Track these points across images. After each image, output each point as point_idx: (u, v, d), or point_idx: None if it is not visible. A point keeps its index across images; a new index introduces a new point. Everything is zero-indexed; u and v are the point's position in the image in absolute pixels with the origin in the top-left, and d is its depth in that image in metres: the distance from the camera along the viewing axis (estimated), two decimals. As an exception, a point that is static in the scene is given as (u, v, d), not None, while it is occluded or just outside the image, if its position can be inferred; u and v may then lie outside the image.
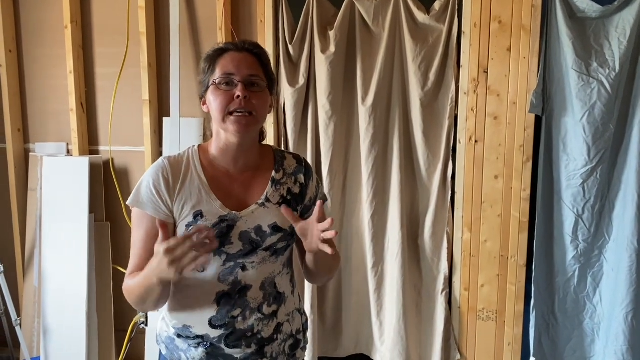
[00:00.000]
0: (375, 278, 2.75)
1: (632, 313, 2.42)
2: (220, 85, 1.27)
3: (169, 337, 1.38)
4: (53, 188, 2.91)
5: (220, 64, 1.29)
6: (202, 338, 1.32)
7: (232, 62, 1.29)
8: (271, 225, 1.33)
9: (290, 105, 2.69)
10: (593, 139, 2.40)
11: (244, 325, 1.32)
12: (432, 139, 2.64)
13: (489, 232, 2.61)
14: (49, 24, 2.98)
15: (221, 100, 1.27)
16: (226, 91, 1.27)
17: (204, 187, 1.31)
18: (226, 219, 1.29)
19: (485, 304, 2.65)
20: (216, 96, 1.27)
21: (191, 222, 1.28)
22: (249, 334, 1.32)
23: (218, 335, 1.31)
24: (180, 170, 1.32)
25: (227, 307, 1.31)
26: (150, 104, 2.85)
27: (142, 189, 1.30)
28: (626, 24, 2.34)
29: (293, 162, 1.45)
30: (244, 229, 1.30)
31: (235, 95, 1.26)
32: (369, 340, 2.86)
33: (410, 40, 2.57)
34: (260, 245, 1.32)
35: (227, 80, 1.27)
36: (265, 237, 1.32)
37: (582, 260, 2.52)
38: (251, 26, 2.77)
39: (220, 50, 1.32)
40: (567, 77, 2.42)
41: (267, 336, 1.34)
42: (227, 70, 1.28)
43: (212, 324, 1.31)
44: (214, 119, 1.31)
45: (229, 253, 1.29)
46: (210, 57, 1.32)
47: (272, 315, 1.35)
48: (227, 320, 1.31)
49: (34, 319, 3.00)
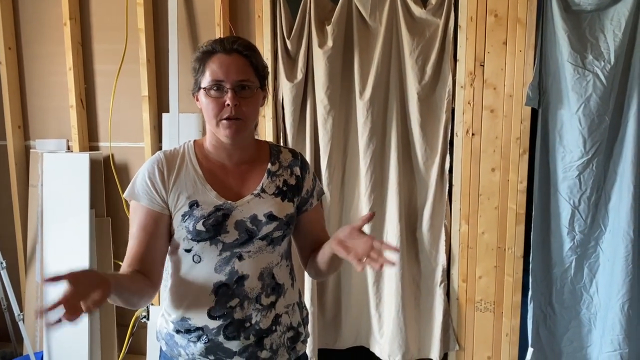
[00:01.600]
0: (373, 271, 2.77)
1: (628, 303, 2.44)
2: (209, 91, 1.29)
3: (168, 333, 1.39)
4: (54, 184, 2.93)
5: (210, 68, 1.29)
6: (201, 330, 1.33)
7: (221, 67, 1.28)
8: (267, 214, 1.35)
9: (289, 100, 2.71)
10: (589, 131, 2.42)
11: (242, 315, 1.33)
12: (429, 133, 2.66)
13: (486, 224, 2.63)
14: (48, 21, 2.99)
15: (212, 107, 1.28)
16: (216, 98, 1.28)
17: (199, 179, 1.34)
18: (222, 208, 1.31)
19: (483, 295, 2.68)
20: (207, 102, 1.29)
21: (187, 212, 1.30)
22: (247, 325, 1.33)
23: (217, 326, 1.32)
24: (175, 163, 1.35)
25: (225, 298, 1.32)
26: (150, 100, 2.87)
27: (138, 182, 1.33)
28: (621, 16, 2.36)
29: (289, 155, 1.47)
30: (239, 218, 1.32)
31: (225, 103, 1.27)
32: (368, 333, 2.88)
33: (407, 34, 2.59)
34: (256, 234, 1.33)
35: (216, 86, 1.28)
36: (261, 226, 1.34)
37: (579, 251, 2.54)
38: (249, 21, 2.78)
39: (208, 52, 1.31)
40: (562, 69, 2.44)
41: (266, 327, 1.35)
42: (216, 76, 1.28)
43: (211, 315, 1.32)
44: (207, 121, 1.33)
45: (225, 242, 1.31)
46: (199, 58, 1.32)
47: (270, 306, 1.36)
48: (225, 310, 1.32)
49: (36, 314, 3.03)
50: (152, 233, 1.31)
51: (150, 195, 1.31)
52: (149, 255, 1.31)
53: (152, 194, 1.31)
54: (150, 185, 1.31)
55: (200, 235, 1.29)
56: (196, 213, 1.30)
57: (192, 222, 1.29)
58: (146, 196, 1.31)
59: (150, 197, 1.31)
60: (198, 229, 1.29)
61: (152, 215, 1.31)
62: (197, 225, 1.29)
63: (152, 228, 1.31)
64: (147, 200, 1.31)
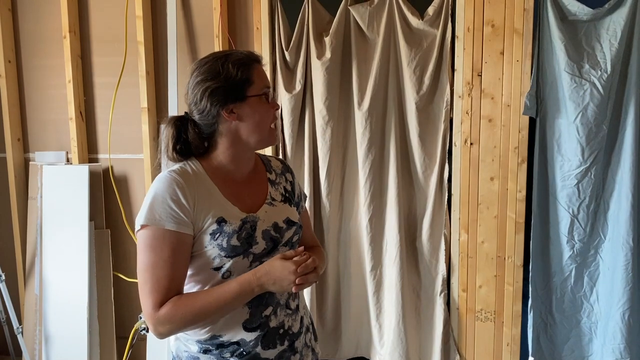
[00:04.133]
0: (373, 281, 2.77)
1: (628, 311, 2.44)
2: (268, 97, 1.33)
3: (192, 355, 1.34)
4: (53, 196, 2.93)
5: (257, 76, 1.31)
6: (237, 344, 1.31)
7: (265, 75, 1.34)
8: (285, 220, 1.39)
9: (288, 111, 2.72)
10: (587, 139, 2.43)
11: (276, 323, 1.34)
12: (428, 142, 2.67)
13: (485, 233, 2.63)
14: (48, 34, 3.01)
15: (271, 114, 1.33)
16: (272, 106, 1.34)
17: (217, 195, 1.31)
18: (248, 221, 1.32)
19: (484, 304, 2.67)
20: (266, 109, 1.33)
21: (216, 229, 1.27)
22: (281, 331, 1.35)
23: (254, 338, 1.31)
24: (191, 181, 1.29)
25: (260, 308, 1.32)
26: (149, 112, 2.88)
27: (157, 206, 1.24)
28: (617, 26, 2.38)
29: (278, 163, 1.52)
30: (264, 228, 1.34)
31: (275, 109, 1.34)
32: (368, 343, 2.87)
33: (404, 45, 2.60)
34: (279, 241, 1.36)
35: (269, 94, 1.33)
36: (283, 232, 1.37)
37: (579, 259, 2.54)
38: (247, 33, 2.80)
39: (253, 59, 1.32)
40: (559, 79, 2.45)
41: (296, 330, 1.40)
42: (267, 84, 1.33)
43: (246, 327, 1.31)
44: (250, 130, 1.32)
45: (255, 253, 1.31)
46: (244, 64, 1.30)
47: (296, 309, 1.41)
48: (260, 320, 1.32)
49: (35, 326, 3.01)
50: (186, 257, 1.26)
51: (177, 218, 1.23)
52: (183, 280, 1.28)
53: (179, 216, 1.24)
54: (175, 207, 1.23)
55: (235, 250, 1.27)
56: (226, 229, 1.27)
57: (224, 238, 1.27)
58: (172, 219, 1.23)
59: (177, 219, 1.23)
60: (233, 244, 1.27)
61: (181, 239, 1.24)
62: (231, 241, 1.27)
63: (186, 251, 1.25)
64: (173, 224, 1.23)
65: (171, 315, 1.22)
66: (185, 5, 2.85)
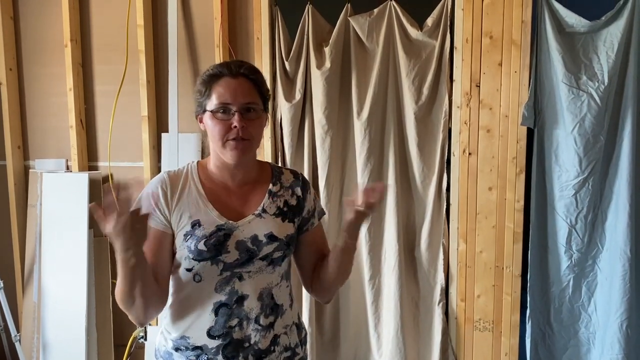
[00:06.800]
0: (372, 290, 2.77)
1: (626, 322, 2.44)
2: (216, 114, 1.31)
3: (167, 351, 1.39)
4: (53, 204, 2.93)
5: (216, 91, 1.31)
6: (200, 349, 1.34)
7: (228, 89, 1.31)
8: (267, 235, 1.36)
9: (287, 120, 2.74)
10: (584, 150, 2.44)
11: (241, 335, 1.34)
12: (426, 152, 2.68)
13: (484, 243, 2.64)
14: (49, 42, 3.02)
15: (219, 129, 1.31)
16: (223, 120, 1.30)
17: (202, 199, 1.35)
18: (223, 228, 1.33)
19: (482, 314, 2.68)
20: (214, 124, 1.31)
21: (189, 231, 1.32)
22: (246, 345, 1.34)
23: (216, 346, 1.33)
24: (178, 183, 1.36)
25: (225, 317, 1.33)
26: (149, 120, 2.89)
27: (143, 201, 1.33)
28: (614, 38, 2.40)
29: (290, 176, 1.49)
30: (240, 238, 1.33)
31: (232, 125, 1.29)
32: (367, 353, 2.87)
33: (403, 55, 2.63)
34: (256, 254, 1.34)
35: (223, 109, 1.31)
36: (262, 246, 1.35)
37: (576, 269, 2.55)
38: (248, 43, 2.82)
39: (215, 75, 1.33)
40: (557, 90, 2.47)
41: (264, 347, 1.36)
42: (223, 99, 1.30)
43: (210, 334, 1.33)
44: (212, 142, 1.35)
45: (226, 262, 1.32)
46: (206, 81, 1.34)
47: (269, 326, 1.37)
48: (224, 330, 1.33)
49: (33, 334, 3.01)
50: (154, 251, 1.32)
51: (154, 215, 1.32)
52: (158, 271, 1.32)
53: (156, 213, 1.33)
54: (153, 204, 1.33)
55: (202, 255, 1.30)
56: (198, 232, 1.31)
57: (193, 241, 1.31)
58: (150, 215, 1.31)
59: (154, 216, 1.32)
60: (200, 248, 1.30)
61: (154, 234, 1.32)
62: (198, 245, 1.30)
63: (155, 246, 1.32)
64: (151, 220, 1.31)
65: (115, 295, 1.30)
66: (186, 14, 2.87)
